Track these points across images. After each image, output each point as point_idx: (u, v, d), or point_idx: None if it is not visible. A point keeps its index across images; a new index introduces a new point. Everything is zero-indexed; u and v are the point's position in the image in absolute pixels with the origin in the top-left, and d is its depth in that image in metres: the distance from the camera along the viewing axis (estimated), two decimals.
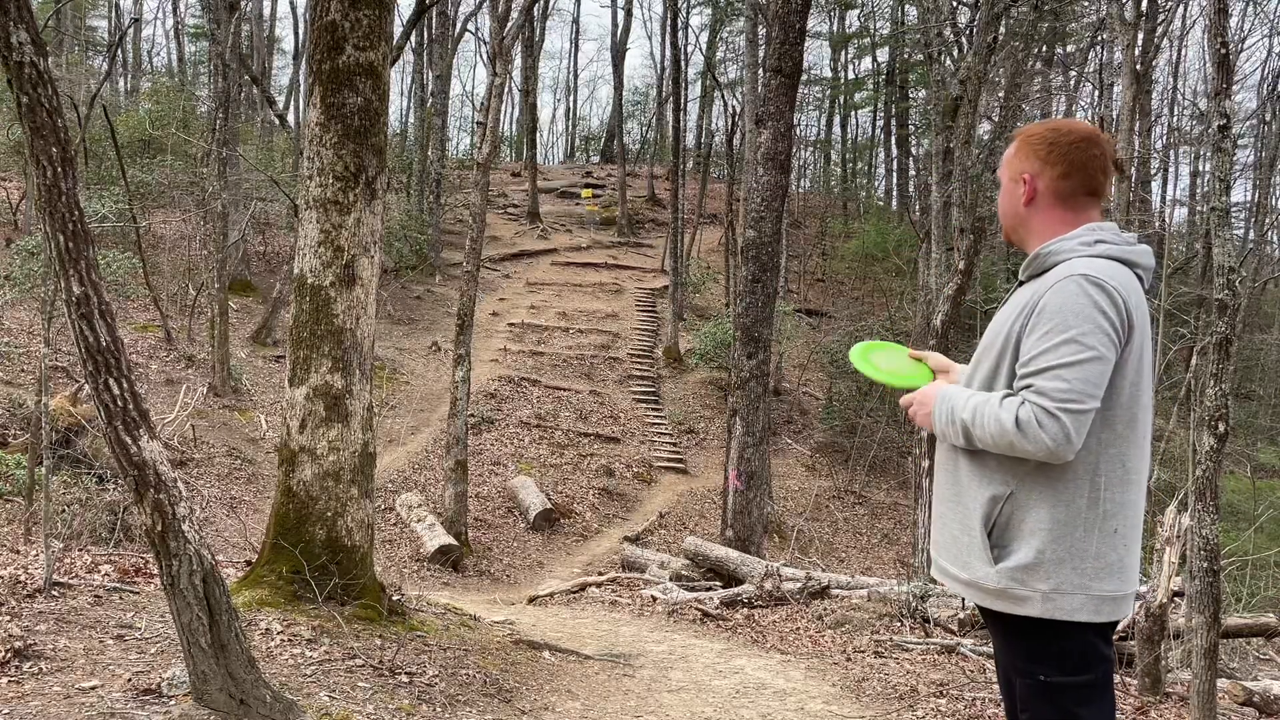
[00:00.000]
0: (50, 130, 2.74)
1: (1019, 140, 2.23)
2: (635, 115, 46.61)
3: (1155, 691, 4.97)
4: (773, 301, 10.84)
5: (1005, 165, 2.25)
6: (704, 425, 19.77)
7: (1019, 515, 2.07)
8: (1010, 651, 2.15)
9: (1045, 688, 2.07)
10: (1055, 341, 1.98)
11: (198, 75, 34.40)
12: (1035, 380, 1.99)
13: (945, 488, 2.23)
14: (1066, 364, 1.96)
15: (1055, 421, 1.95)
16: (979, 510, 2.11)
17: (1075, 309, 1.98)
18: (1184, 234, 26.66)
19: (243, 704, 3.00)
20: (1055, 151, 2.14)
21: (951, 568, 2.20)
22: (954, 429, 2.12)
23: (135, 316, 16.96)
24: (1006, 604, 2.07)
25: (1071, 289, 2.00)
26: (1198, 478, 4.24)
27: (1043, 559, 2.03)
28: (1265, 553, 10.89)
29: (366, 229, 4.78)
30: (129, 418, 2.85)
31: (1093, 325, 1.96)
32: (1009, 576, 2.05)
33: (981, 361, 2.19)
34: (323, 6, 4.71)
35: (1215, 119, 4.44)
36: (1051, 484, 2.04)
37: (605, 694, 4.71)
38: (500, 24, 13.98)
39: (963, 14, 17.02)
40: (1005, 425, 1.99)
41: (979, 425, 2.05)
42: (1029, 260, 2.17)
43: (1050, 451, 1.96)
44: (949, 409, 2.14)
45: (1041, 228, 2.18)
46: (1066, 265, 2.06)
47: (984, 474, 2.11)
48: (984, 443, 2.06)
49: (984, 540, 2.09)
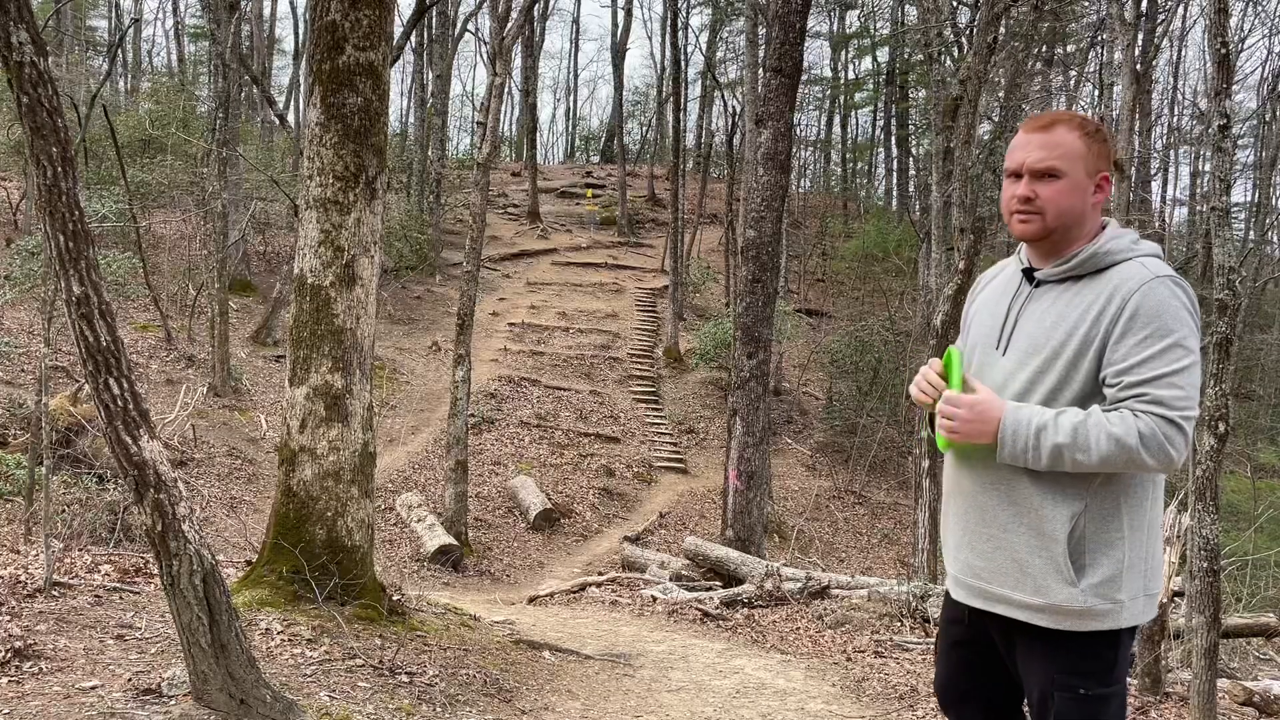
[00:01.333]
0: (50, 130, 2.74)
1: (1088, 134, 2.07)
2: (635, 115, 46.62)
3: (1155, 691, 4.97)
4: (773, 301, 10.84)
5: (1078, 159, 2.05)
6: (704, 425, 19.77)
7: (1095, 528, 1.99)
8: (1050, 666, 2.06)
9: (1085, 700, 2.03)
10: (1160, 347, 1.90)
11: (198, 75, 34.40)
12: (1149, 390, 1.90)
13: (997, 511, 2.07)
14: (1177, 370, 1.90)
15: (1179, 432, 1.88)
16: (1061, 530, 1.98)
17: (1173, 312, 1.92)
18: (1184, 234, 26.67)
19: (243, 704, 3.00)
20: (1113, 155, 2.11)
21: (1015, 594, 2.05)
22: (1036, 454, 1.95)
23: (135, 316, 16.96)
24: (1087, 622, 1.99)
25: (1164, 291, 1.93)
26: (1198, 478, 4.24)
27: (1121, 569, 1.98)
28: (1265, 553, 10.90)
29: (366, 229, 4.78)
30: (129, 418, 2.85)
31: (1190, 328, 1.93)
32: (1094, 593, 1.97)
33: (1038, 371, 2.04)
34: (323, 6, 4.71)
35: (1215, 119, 4.45)
36: (1126, 493, 1.99)
37: (605, 694, 4.71)
38: (500, 24, 13.98)
39: (963, 14, 17.03)
40: (1126, 442, 1.88)
41: (1083, 448, 1.90)
42: (1081, 260, 2.05)
43: (1173, 462, 1.89)
44: (1031, 433, 1.96)
45: (1091, 229, 2.09)
46: (1136, 265, 1.99)
47: (1058, 491, 1.99)
48: (1082, 464, 1.92)
49: (1066, 560, 1.98)
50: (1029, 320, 2.09)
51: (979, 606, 2.15)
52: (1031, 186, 2.06)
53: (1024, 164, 2.07)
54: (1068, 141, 2.05)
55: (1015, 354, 2.08)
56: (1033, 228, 2.07)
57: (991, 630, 2.18)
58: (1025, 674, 2.15)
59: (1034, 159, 2.06)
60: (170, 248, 20.10)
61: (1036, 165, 2.06)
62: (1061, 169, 2.04)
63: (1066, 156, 2.04)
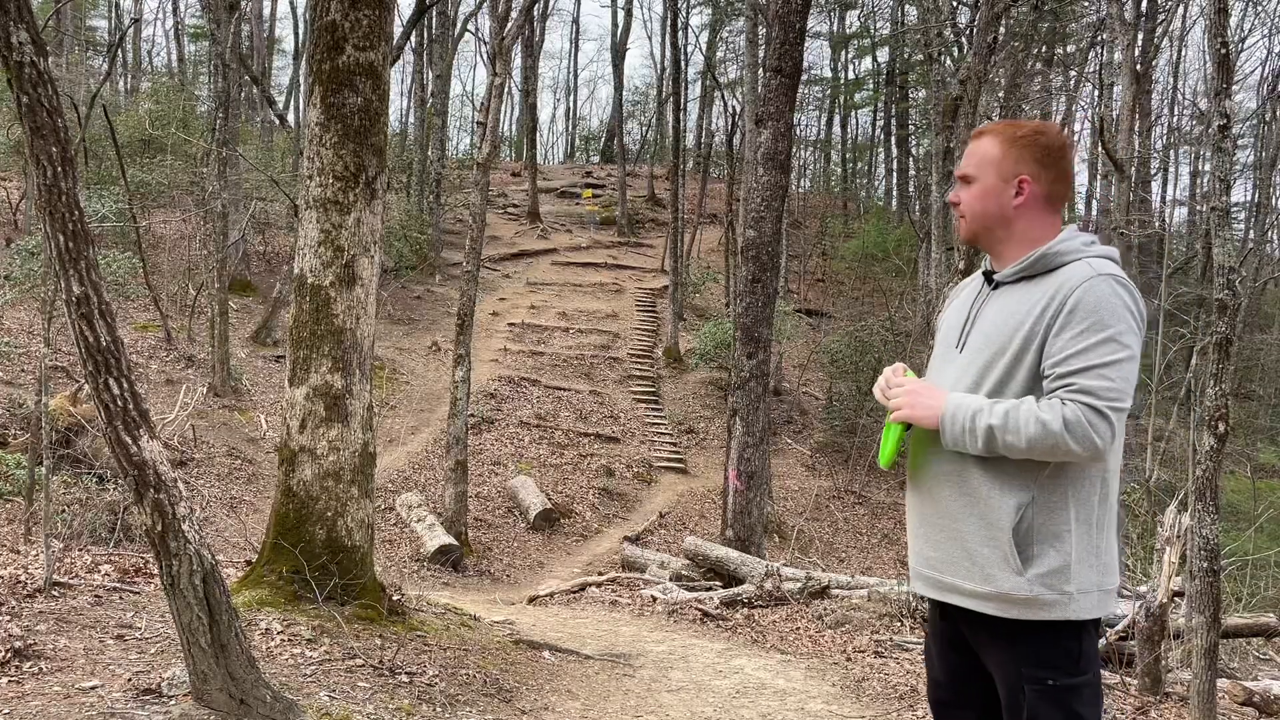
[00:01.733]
0: (50, 130, 2.74)
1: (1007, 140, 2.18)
2: (635, 115, 46.60)
3: (1155, 691, 4.98)
4: (773, 301, 10.83)
5: (989, 164, 2.18)
6: (704, 425, 19.77)
7: (1041, 519, 2.04)
8: (1015, 660, 2.11)
9: (1053, 691, 2.06)
10: (1094, 340, 1.97)
11: (198, 75, 34.40)
12: (1077, 379, 1.96)
13: (950, 502, 2.14)
14: (1109, 362, 1.96)
15: (1104, 421, 1.94)
16: (1007, 519, 2.04)
17: (1111, 308, 1.98)
18: (1184, 234, 26.67)
19: (243, 704, 3.00)
20: (1050, 156, 2.16)
21: (964, 583, 2.12)
22: (973, 437, 2.04)
23: (135, 316, 16.96)
24: (1034, 611, 2.04)
25: (1104, 289, 2.00)
26: (1198, 478, 4.24)
27: (1069, 560, 2.02)
28: (1265, 553, 10.89)
29: (366, 229, 4.78)
30: (129, 418, 2.85)
31: (1127, 325, 1.98)
32: (1040, 583, 2.02)
33: (986, 366, 2.12)
34: (323, 6, 4.71)
35: (1215, 119, 4.45)
36: (1073, 485, 2.04)
37: (605, 694, 4.71)
38: (500, 24, 13.98)
39: (963, 14, 17.03)
40: (1050, 427, 1.95)
41: (1013, 430, 1.98)
42: (1031, 261, 2.13)
43: (1097, 450, 1.95)
44: (967, 415, 2.05)
45: (1027, 230, 2.16)
46: (1083, 264, 2.06)
47: (1005, 481, 2.06)
48: (1015, 449, 1.99)
49: (1012, 549, 2.04)
50: (984, 319, 2.18)
51: (934, 597, 2.22)
52: (957, 193, 2.24)
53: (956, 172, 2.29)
54: (985, 148, 2.20)
55: (969, 351, 2.18)
56: (962, 230, 2.26)
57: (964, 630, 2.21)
58: (994, 671, 2.19)
59: (959, 167, 2.26)
60: (170, 248, 20.10)
61: (959, 172, 2.25)
62: (974, 175, 2.20)
63: (980, 163, 2.20)
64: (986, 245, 2.24)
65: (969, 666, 2.26)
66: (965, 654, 2.25)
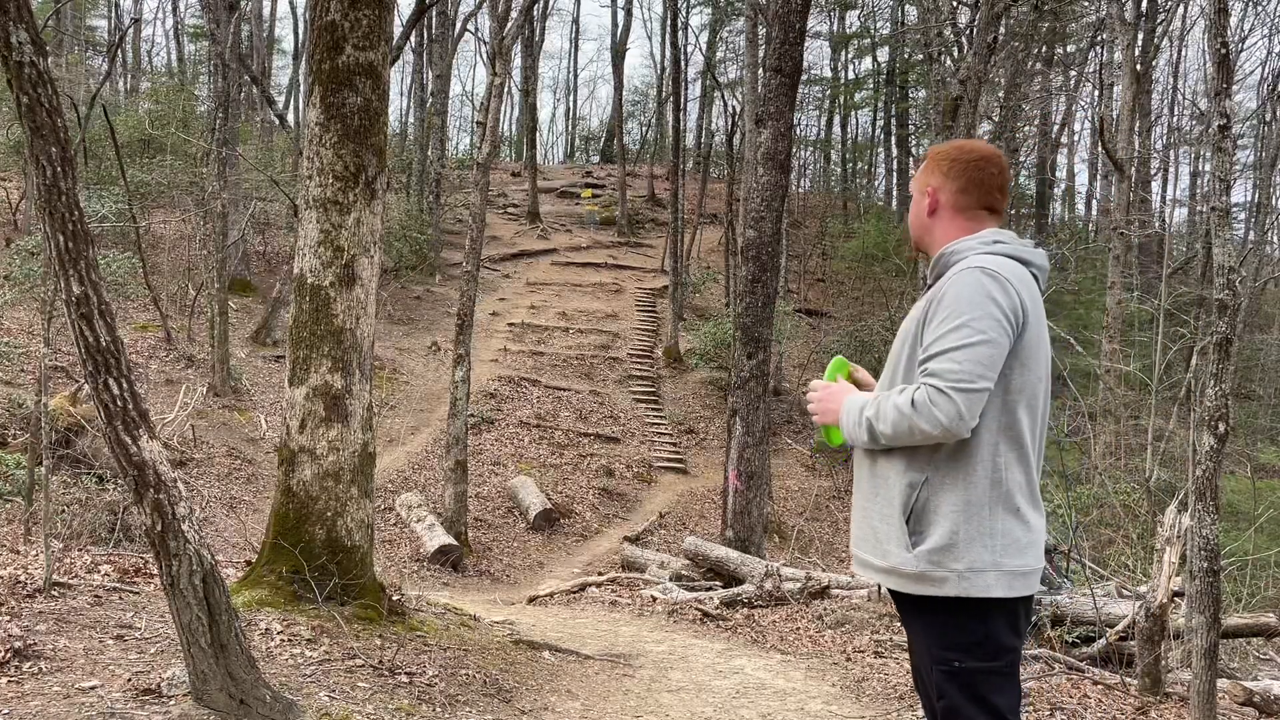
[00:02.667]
0: (50, 130, 2.74)
1: (928, 157, 2.39)
2: (635, 115, 46.58)
3: (1155, 691, 4.97)
4: (773, 301, 10.83)
5: (914, 181, 2.41)
6: (704, 425, 19.77)
7: (933, 500, 2.15)
8: (925, 639, 2.22)
9: (959, 674, 2.14)
10: (949, 327, 2.09)
11: (198, 75, 34.38)
12: (929, 364, 2.10)
13: (864, 484, 2.31)
14: (958, 347, 2.06)
15: (946, 399, 2.04)
16: (898, 498, 2.18)
17: (968, 297, 2.09)
18: (1184, 234, 26.66)
19: (242, 704, 3.00)
20: (955, 168, 2.32)
21: (870, 558, 2.26)
22: (860, 430, 2.21)
23: (135, 316, 16.96)
24: (924, 587, 2.14)
25: (967, 279, 2.12)
26: (1198, 478, 4.23)
27: (956, 539, 2.11)
28: (1265, 553, 10.88)
29: (366, 229, 4.78)
30: (129, 418, 2.85)
31: (983, 311, 2.08)
32: (926, 559, 2.13)
33: (890, 364, 2.31)
34: (323, 6, 4.70)
35: (1215, 119, 4.44)
36: (960, 468, 2.13)
37: (605, 694, 4.71)
38: (500, 24, 13.98)
39: (963, 14, 17.02)
40: (903, 409, 2.08)
41: (880, 419, 2.14)
42: (933, 263, 2.31)
43: (945, 428, 2.06)
44: (856, 410, 2.23)
45: (943, 236, 2.34)
46: (964, 261, 2.21)
47: (902, 463, 2.18)
48: (886, 436, 2.14)
49: (902, 526, 2.16)
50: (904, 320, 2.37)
51: (856, 571, 2.37)
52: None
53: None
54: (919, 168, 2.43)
55: (890, 351, 2.36)
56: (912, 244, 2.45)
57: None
58: (913, 651, 2.33)
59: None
60: (170, 248, 20.09)
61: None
62: (911, 192, 2.44)
63: (913, 180, 2.44)
64: (924, 251, 2.43)
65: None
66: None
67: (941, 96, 13.86)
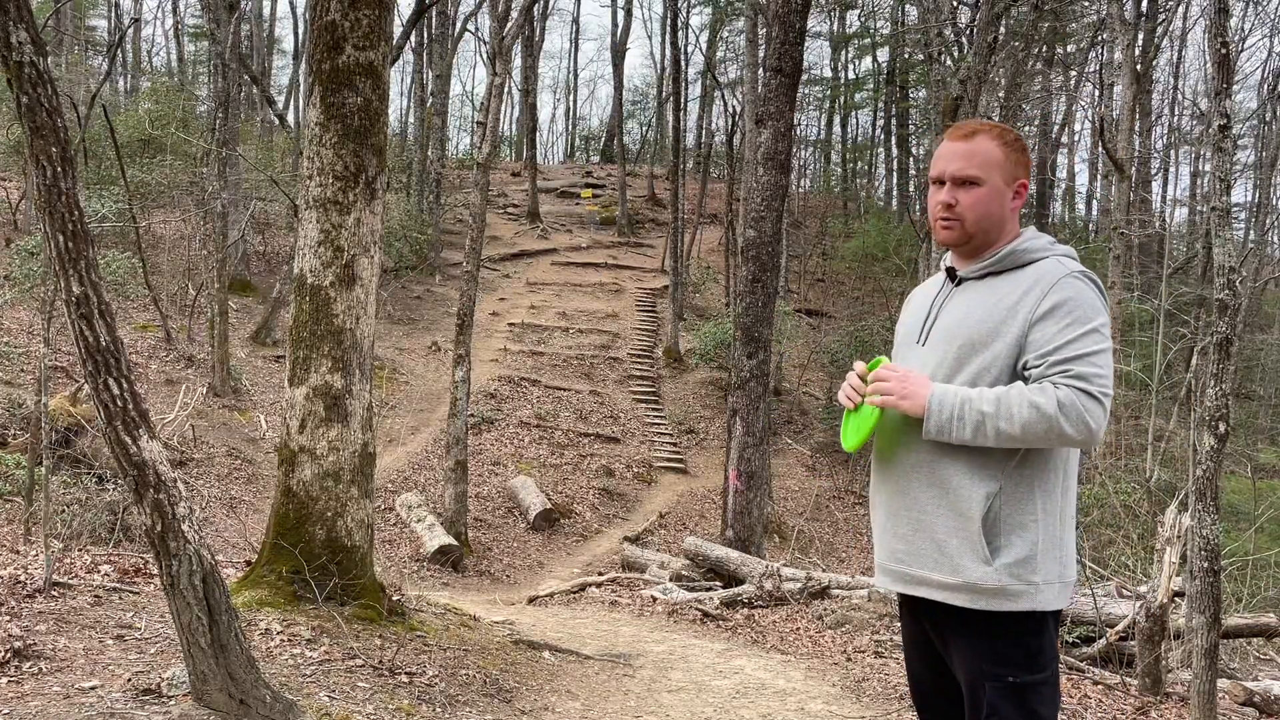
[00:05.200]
0: (50, 130, 2.74)
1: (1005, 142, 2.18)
2: (635, 115, 46.58)
3: (1155, 691, 4.97)
4: (773, 301, 10.83)
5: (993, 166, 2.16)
6: (704, 425, 19.76)
7: (1008, 510, 2.06)
8: (979, 655, 2.11)
9: (1013, 689, 2.07)
10: (1081, 331, 2.02)
11: (198, 75, 34.39)
12: (1072, 366, 2.00)
13: (920, 493, 2.13)
14: (1097, 352, 2.02)
15: (1098, 405, 1.98)
16: (976, 510, 2.05)
17: (1090, 303, 2.05)
18: (1184, 234, 26.65)
19: (242, 704, 3.00)
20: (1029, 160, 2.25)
21: (933, 575, 2.11)
22: (961, 424, 2.03)
23: (135, 316, 16.95)
24: (1002, 601, 2.05)
25: (1081, 285, 2.06)
26: (1198, 478, 4.23)
27: (1035, 551, 2.05)
28: (1265, 553, 10.88)
29: (366, 229, 4.78)
30: (129, 418, 2.85)
31: (1105, 319, 2.06)
32: (1007, 573, 2.03)
33: (958, 358, 2.13)
34: (323, 6, 4.70)
35: (1215, 119, 4.45)
36: (1038, 476, 2.07)
37: (605, 694, 4.71)
38: (500, 24, 13.98)
39: (963, 14, 17.02)
40: (1045, 410, 1.96)
41: (1005, 416, 1.99)
42: (1000, 257, 2.17)
43: (1091, 434, 1.98)
44: (956, 403, 2.04)
45: (1011, 231, 2.23)
46: (1055, 263, 2.11)
47: (975, 471, 2.06)
48: (1004, 434, 1.99)
49: (981, 539, 2.04)
50: (948, 314, 2.21)
51: (902, 590, 2.21)
52: (953, 194, 2.18)
53: (945, 172, 2.18)
54: (986, 150, 2.16)
55: (933, 345, 2.20)
56: (953, 234, 2.21)
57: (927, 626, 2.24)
58: (956, 667, 2.20)
59: (955, 168, 2.17)
60: (170, 248, 20.09)
61: (957, 174, 2.17)
62: (980, 177, 2.15)
63: (985, 165, 2.15)
64: (977, 247, 2.21)
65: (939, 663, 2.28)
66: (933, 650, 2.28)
67: (941, 96, 13.85)
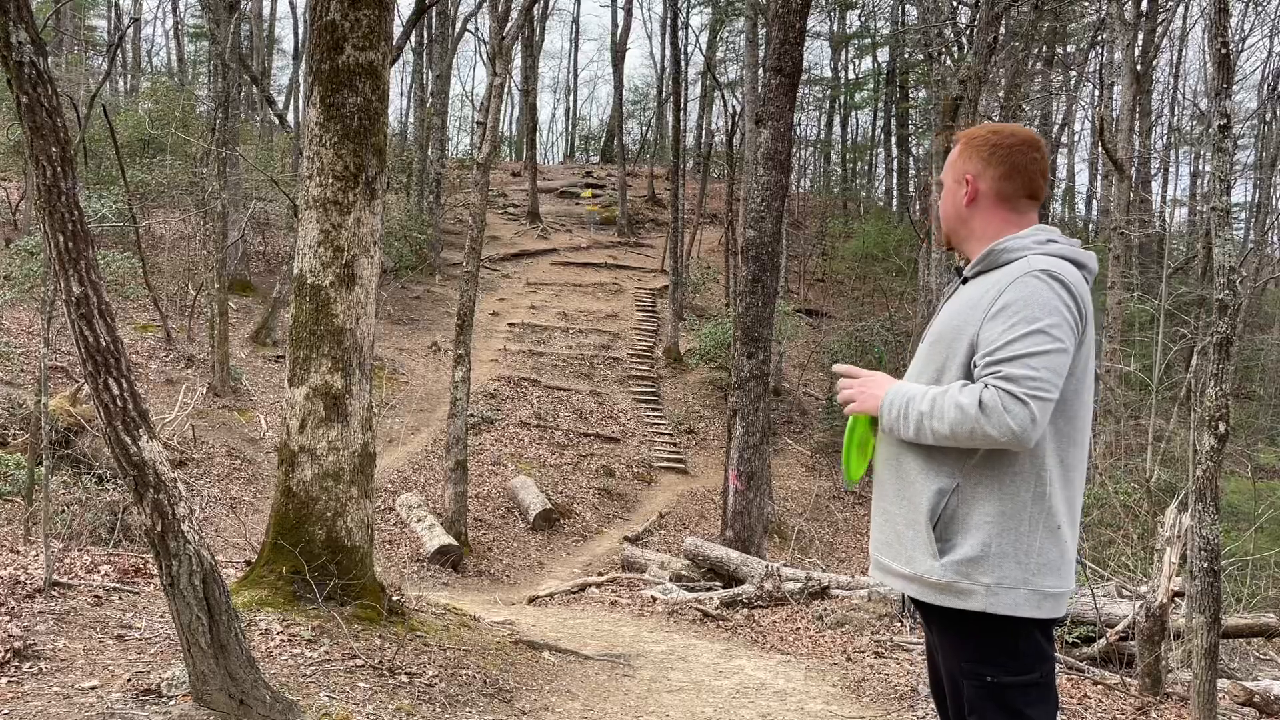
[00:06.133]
0: (50, 130, 2.74)
1: (962, 142, 2.26)
2: (635, 115, 46.55)
3: (1155, 691, 4.97)
4: (773, 301, 10.83)
5: (948, 168, 2.27)
6: (704, 425, 19.76)
7: (964, 509, 2.06)
8: (956, 653, 2.13)
9: (994, 689, 2.07)
10: (1023, 331, 1.98)
11: (198, 75, 34.38)
12: (1002, 367, 1.98)
13: (888, 485, 2.20)
14: (1035, 353, 1.97)
15: (1022, 406, 1.94)
16: (925, 503, 2.08)
17: (1041, 302, 2.00)
18: (1184, 234, 26.65)
19: (242, 704, 3.00)
20: (997, 153, 2.19)
21: (894, 564, 2.17)
22: (905, 423, 2.08)
23: (135, 316, 16.95)
24: (950, 598, 2.06)
25: (1035, 283, 2.02)
26: (1198, 478, 4.23)
27: (988, 552, 2.03)
28: (1265, 553, 10.88)
29: (366, 229, 4.78)
30: (129, 418, 2.85)
31: (1059, 318, 2.00)
32: (954, 570, 2.04)
33: (929, 357, 2.18)
34: (323, 6, 4.70)
35: (1215, 119, 4.44)
36: (998, 477, 2.05)
37: (605, 694, 4.71)
38: (500, 24, 13.98)
39: (963, 14, 17.01)
40: (967, 410, 1.97)
41: (937, 415, 2.02)
42: (981, 257, 2.18)
43: (1014, 435, 1.95)
44: (903, 402, 2.10)
45: (983, 228, 2.21)
46: (1024, 261, 2.09)
47: (930, 467, 2.09)
48: (939, 434, 2.02)
49: (929, 534, 2.07)
50: (943, 312, 2.25)
51: (877, 579, 2.27)
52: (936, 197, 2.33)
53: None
54: (950, 155, 2.29)
55: (925, 343, 2.24)
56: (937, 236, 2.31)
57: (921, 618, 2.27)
58: (941, 664, 2.23)
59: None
60: (170, 248, 20.09)
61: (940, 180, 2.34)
62: (942, 180, 2.29)
63: (947, 167, 2.29)
64: (957, 245, 2.30)
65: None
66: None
67: (941, 96, 13.85)
